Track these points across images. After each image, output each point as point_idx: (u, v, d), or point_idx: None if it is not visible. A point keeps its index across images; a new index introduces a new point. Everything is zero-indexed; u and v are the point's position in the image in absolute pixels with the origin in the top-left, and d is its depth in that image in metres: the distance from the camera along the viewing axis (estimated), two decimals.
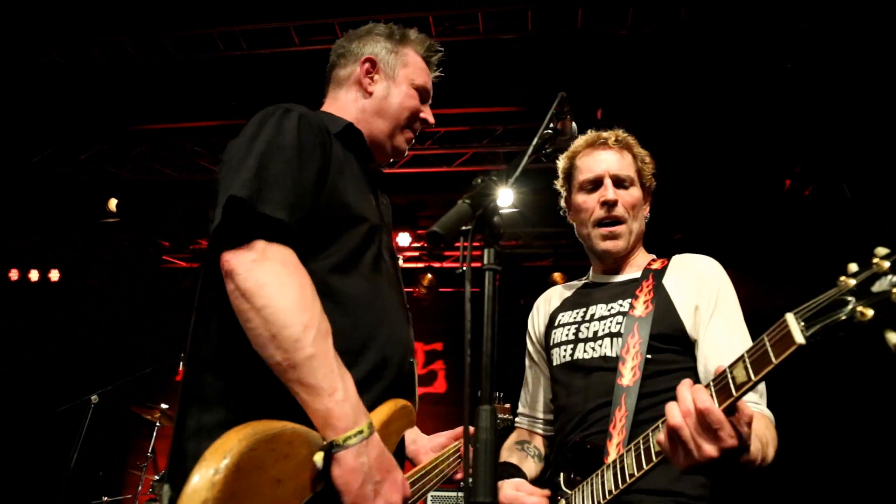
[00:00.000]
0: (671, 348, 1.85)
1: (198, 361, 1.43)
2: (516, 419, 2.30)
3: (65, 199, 7.79)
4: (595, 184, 2.11)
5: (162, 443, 6.65)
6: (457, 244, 1.11)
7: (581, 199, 2.13)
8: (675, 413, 1.29)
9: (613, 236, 2.08)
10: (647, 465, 1.44)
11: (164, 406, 6.33)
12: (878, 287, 1.01)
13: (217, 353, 1.41)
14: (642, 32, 5.23)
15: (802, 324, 1.10)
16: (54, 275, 9.24)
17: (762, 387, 1.70)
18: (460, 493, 5.42)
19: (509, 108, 6.29)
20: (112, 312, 9.21)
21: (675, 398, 1.69)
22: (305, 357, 1.25)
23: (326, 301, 1.40)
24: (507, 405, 2.69)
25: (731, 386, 1.23)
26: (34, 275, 9.17)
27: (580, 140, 2.17)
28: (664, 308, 1.90)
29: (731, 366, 1.26)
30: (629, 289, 2.04)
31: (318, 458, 1.23)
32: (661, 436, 1.34)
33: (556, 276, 8.40)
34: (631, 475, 1.48)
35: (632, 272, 2.13)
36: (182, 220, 8.56)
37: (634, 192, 2.11)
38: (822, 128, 5.77)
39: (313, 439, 1.25)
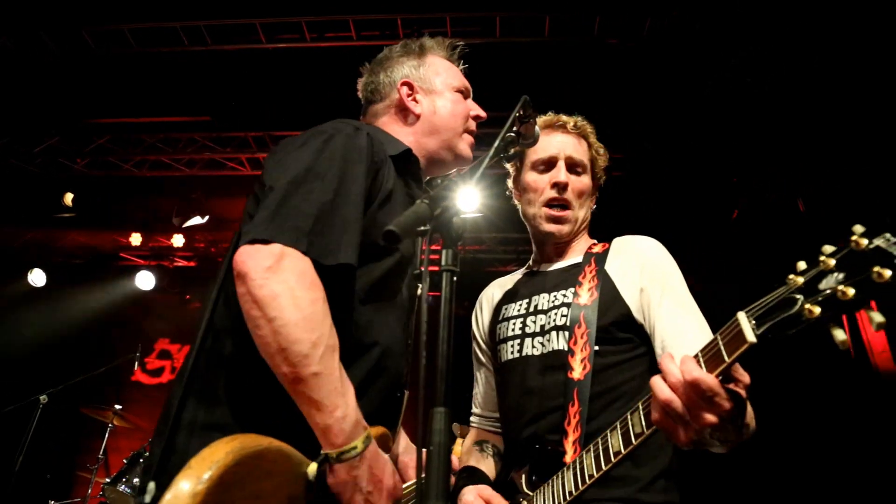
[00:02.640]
0: (619, 336, 1.83)
1: (211, 356, 1.44)
2: (471, 419, 2.27)
3: (17, 192, 7.54)
4: (548, 164, 2.09)
5: (114, 444, 6.49)
6: (422, 255, 1.10)
7: (532, 178, 2.10)
8: (663, 387, 1.23)
9: (559, 220, 2.05)
10: (605, 465, 1.43)
11: (117, 406, 6.17)
12: (824, 284, 1.02)
13: (235, 352, 1.42)
14: (607, 42, 5.30)
15: (753, 322, 1.11)
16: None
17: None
18: None
19: None
20: (65, 310, 8.95)
21: (630, 391, 1.77)
22: (311, 374, 1.27)
23: (342, 321, 1.42)
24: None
25: (724, 355, 1.20)
26: None
27: (538, 119, 2.10)
28: (609, 294, 1.87)
29: (707, 347, 1.24)
30: (571, 275, 2.00)
31: (312, 469, 1.29)
32: (655, 414, 1.27)
33: None
34: (591, 476, 1.47)
35: (573, 257, 2.10)
36: (141, 216, 8.37)
37: (585, 180, 2.10)
38: (780, 140, 5.92)
39: (296, 459, 1.29)
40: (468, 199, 6.98)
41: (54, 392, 5.91)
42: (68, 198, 7.35)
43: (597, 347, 1.80)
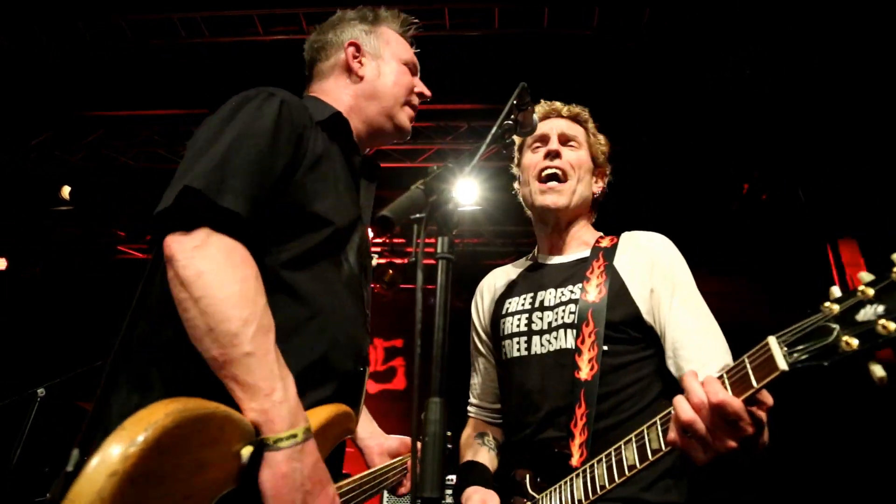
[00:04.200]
0: (628, 337, 1.79)
1: (140, 343, 1.36)
2: (469, 409, 2.24)
3: (13, 185, 7.51)
4: (542, 140, 2.08)
5: None
6: (418, 240, 1.07)
7: (528, 158, 2.09)
8: (686, 407, 1.22)
9: (554, 190, 2.00)
10: (619, 478, 1.41)
11: None
12: (862, 316, 0.98)
13: (166, 337, 1.31)
14: (607, 34, 5.27)
15: (785, 349, 1.08)
16: (1, 263, 8.91)
17: None
18: None
19: (474, 106, 6.28)
20: (63, 303, 8.93)
21: (637, 392, 1.74)
22: (242, 354, 1.17)
23: (279, 294, 1.35)
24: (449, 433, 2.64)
25: (752, 381, 1.18)
26: None
27: (537, 108, 2.13)
28: (618, 292, 1.82)
29: (733, 369, 1.21)
30: (579, 270, 1.95)
31: (246, 452, 1.15)
32: (673, 434, 1.26)
33: None
34: (602, 487, 1.46)
35: (580, 251, 2.05)
36: (138, 209, 8.34)
37: (581, 153, 2.07)
38: (781, 134, 5.90)
39: (246, 429, 1.16)
40: (466, 192, 6.97)
41: (51, 385, 5.89)
42: (65, 191, 7.31)
43: (605, 347, 1.76)
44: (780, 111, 5.67)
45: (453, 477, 5.41)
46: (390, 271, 8.75)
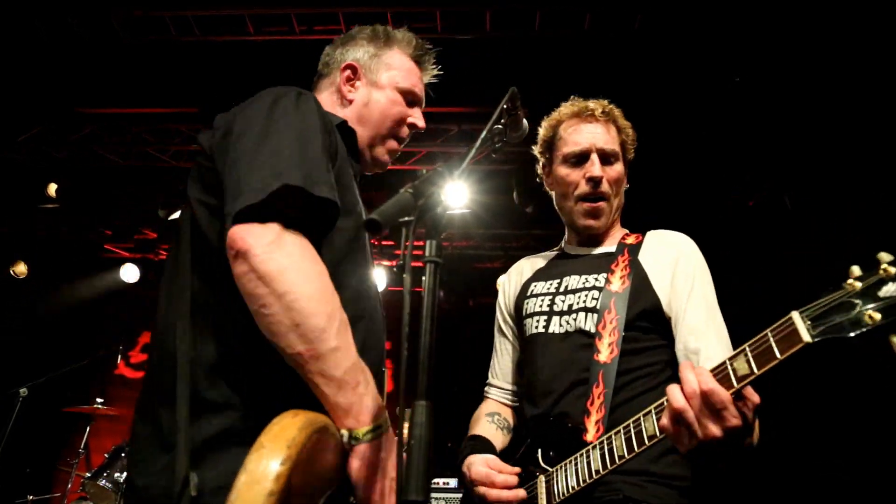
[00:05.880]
0: (647, 325, 1.87)
1: (192, 362, 1.32)
2: (486, 389, 2.28)
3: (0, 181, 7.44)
4: (581, 158, 2.08)
5: (95, 439, 6.42)
6: (407, 242, 1.07)
7: (565, 171, 2.11)
8: (678, 396, 1.29)
9: (596, 213, 2.08)
10: (638, 447, 1.47)
11: (99, 401, 6.11)
12: (885, 292, 1.05)
13: (226, 353, 1.32)
14: (599, 38, 5.30)
15: (809, 322, 1.14)
16: None
17: None
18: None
19: (465, 109, 6.29)
20: (47, 302, 8.85)
21: (651, 374, 1.83)
22: (330, 349, 1.19)
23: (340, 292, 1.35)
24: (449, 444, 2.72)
25: (732, 377, 1.26)
26: None
27: (565, 108, 2.19)
28: (641, 284, 1.91)
29: (732, 358, 1.28)
30: (604, 262, 2.03)
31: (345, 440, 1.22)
32: (665, 420, 1.34)
33: None
34: (621, 457, 1.51)
35: (607, 246, 2.13)
36: (126, 208, 8.28)
37: (618, 168, 2.11)
38: (768, 141, 5.95)
39: (336, 431, 1.21)
40: (456, 195, 6.98)
41: (35, 385, 5.83)
42: (52, 188, 7.26)
43: (625, 333, 1.84)
44: (769, 117, 5.72)
45: (440, 480, 5.41)
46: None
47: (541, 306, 2.05)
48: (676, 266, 1.92)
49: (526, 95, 1.62)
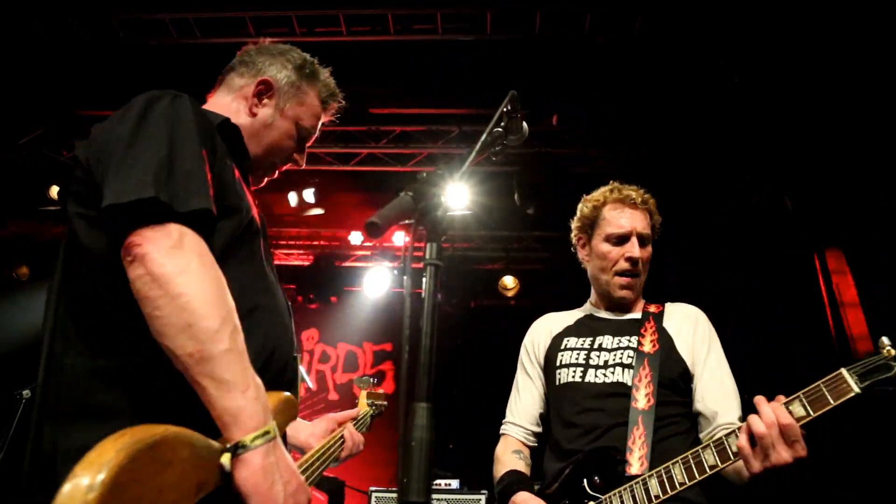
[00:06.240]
0: (675, 382, 2.22)
1: (74, 370, 1.31)
2: (505, 428, 2.50)
3: (1, 183, 7.45)
4: (622, 238, 2.38)
5: None
6: (407, 244, 1.08)
7: (606, 248, 2.40)
8: (759, 423, 1.64)
9: (630, 287, 2.40)
10: (699, 475, 1.80)
11: None
12: None
13: (109, 364, 1.30)
14: (598, 39, 5.30)
15: (856, 377, 1.61)
16: None
17: None
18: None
19: (465, 110, 6.30)
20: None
21: (677, 421, 2.19)
22: (222, 350, 1.18)
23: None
24: (381, 391, 2.87)
25: (807, 410, 1.65)
26: None
27: (606, 192, 2.47)
28: (669, 348, 2.28)
29: (787, 402, 1.67)
30: (633, 327, 2.37)
31: (226, 459, 1.16)
32: (743, 441, 1.68)
33: (508, 279, 8.46)
34: (681, 483, 1.84)
35: (634, 313, 2.46)
36: None
37: (649, 249, 2.43)
38: (769, 142, 5.95)
39: (195, 440, 1.14)
40: (457, 196, 6.98)
41: (37, 387, 5.82)
42: (54, 191, 7.27)
43: (659, 387, 2.18)
44: (768, 118, 5.72)
45: (441, 481, 5.41)
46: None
47: (576, 359, 2.35)
48: (695, 334, 2.31)
49: (526, 97, 1.63)
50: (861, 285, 6.04)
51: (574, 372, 2.32)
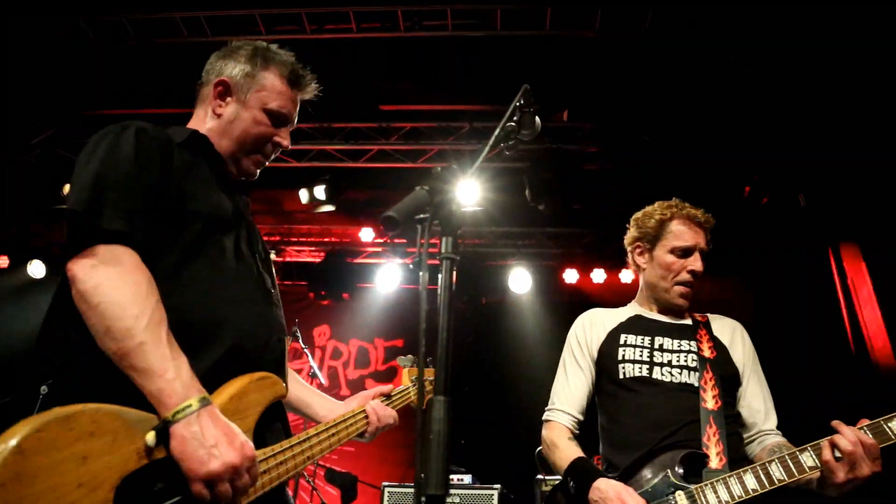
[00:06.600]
0: (731, 385, 2.44)
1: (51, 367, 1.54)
2: (552, 414, 2.59)
3: (15, 183, 7.51)
4: (686, 252, 2.58)
5: None
6: (422, 240, 1.09)
7: (671, 259, 2.59)
8: (846, 442, 1.93)
9: (688, 296, 2.60)
10: (798, 473, 2.00)
11: None
12: None
13: (74, 358, 1.49)
14: (610, 36, 5.28)
15: None
16: (3, 261, 8.92)
17: None
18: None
19: (476, 107, 6.29)
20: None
21: (734, 422, 2.39)
22: (136, 344, 1.35)
23: (176, 285, 1.55)
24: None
25: (891, 434, 1.98)
26: None
27: (673, 208, 2.65)
28: (725, 355, 2.50)
29: (872, 425, 1.99)
30: (689, 332, 2.57)
31: (150, 437, 1.32)
32: (827, 456, 1.96)
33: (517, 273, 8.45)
34: (780, 480, 2.02)
35: (685, 319, 2.66)
36: None
37: (703, 262, 2.62)
38: (782, 137, 5.91)
39: (129, 416, 1.32)
40: (468, 192, 6.97)
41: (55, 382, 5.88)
42: (66, 189, 7.32)
43: (721, 390, 2.36)
44: (781, 113, 5.68)
45: (454, 477, 5.42)
46: None
47: (639, 356, 2.50)
48: (743, 344, 2.56)
49: (537, 92, 1.63)
50: (876, 279, 5.99)
51: (641, 368, 2.46)
